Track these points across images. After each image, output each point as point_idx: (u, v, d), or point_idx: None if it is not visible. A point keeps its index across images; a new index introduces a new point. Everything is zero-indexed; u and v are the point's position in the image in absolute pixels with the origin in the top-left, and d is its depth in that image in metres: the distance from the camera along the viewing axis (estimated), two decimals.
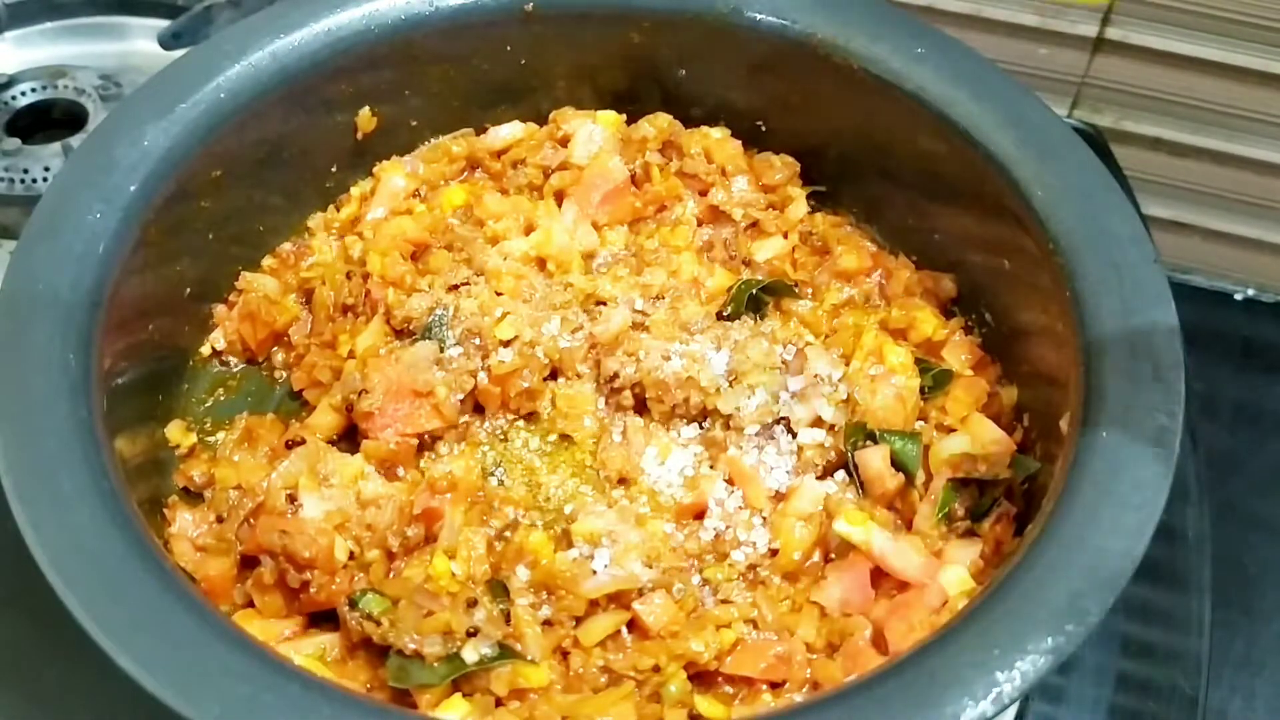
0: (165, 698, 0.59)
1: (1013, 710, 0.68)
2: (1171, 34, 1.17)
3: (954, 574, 0.75)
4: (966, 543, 0.78)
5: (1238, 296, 1.36)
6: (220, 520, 0.80)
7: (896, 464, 0.81)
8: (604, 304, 0.89)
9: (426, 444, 0.85)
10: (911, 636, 0.71)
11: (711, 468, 0.82)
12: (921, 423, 0.84)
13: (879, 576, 0.77)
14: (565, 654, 0.73)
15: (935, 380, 0.86)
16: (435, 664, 0.70)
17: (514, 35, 0.97)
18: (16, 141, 1.10)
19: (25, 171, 1.08)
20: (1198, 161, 1.27)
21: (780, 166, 0.98)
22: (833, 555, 0.79)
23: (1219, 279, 1.36)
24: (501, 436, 0.86)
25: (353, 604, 0.73)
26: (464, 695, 0.71)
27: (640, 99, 1.01)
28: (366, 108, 0.96)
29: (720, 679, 0.73)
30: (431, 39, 0.95)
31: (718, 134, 0.99)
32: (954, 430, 0.84)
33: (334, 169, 0.99)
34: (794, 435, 0.83)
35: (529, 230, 0.94)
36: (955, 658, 0.61)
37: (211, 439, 0.87)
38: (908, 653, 0.64)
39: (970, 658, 0.61)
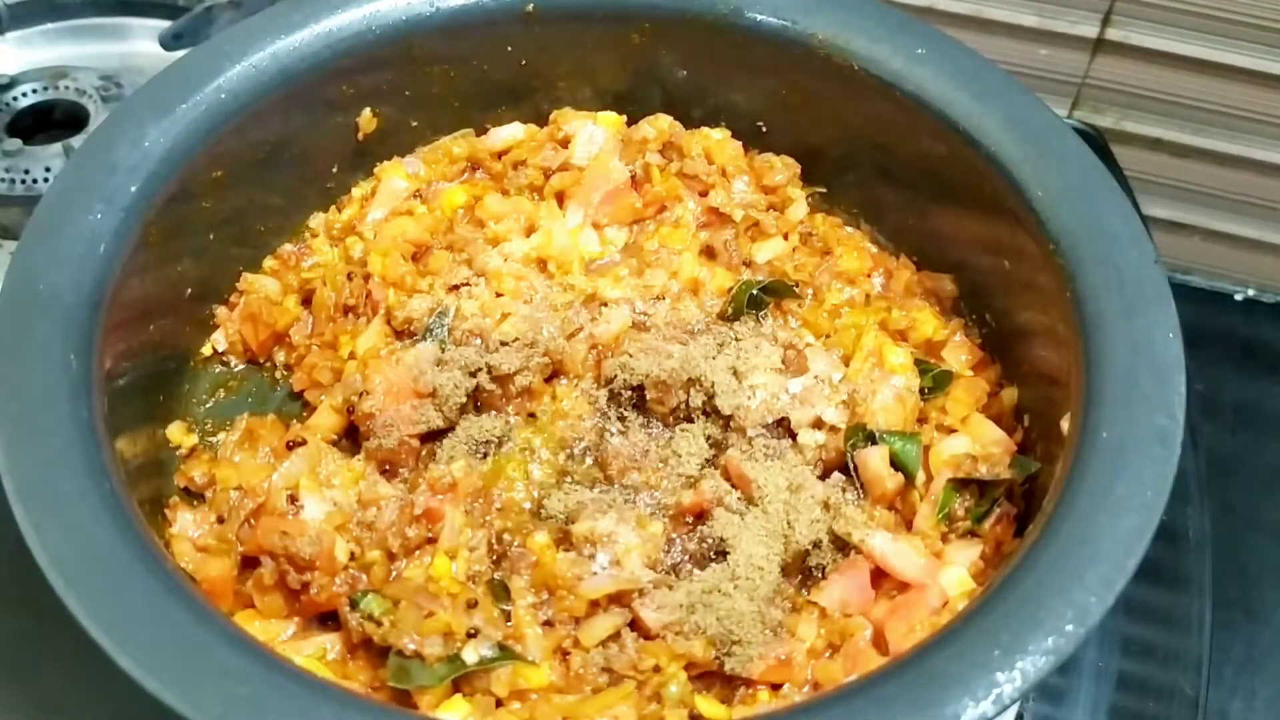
0: (166, 698, 0.59)
1: (1013, 710, 0.68)
2: (1172, 35, 1.18)
3: (954, 574, 0.75)
4: (967, 543, 0.78)
5: (1238, 297, 1.36)
6: (221, 521, 0.80)
7: (896, 464, 0.81)
8: (604, 305, 0.89)
9: (427, 444, 0.85)
10: (912, 637, 0.71)
11: (712, 468, 0.82)
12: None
13: (879, 577, 0.77)
14: (566, 654, 0.73)
15: (935, 381, 0.86)
16: (435, 665, 0.70)
17: (515, 36, 0.97)
18: (18, 142, 1.10)
19: (26, 172, 1.08)
20: (1198, 162, 1.27)
21: (781, 167, 0.98)
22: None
23: (1219, 279, 1.37)
24: (502, 437, 0.86)
25: (353, 605, 0.74)
26: (464, 696, 0.71)
27: (641, 100, 1.01)
28: (367, 108, 0.97)
29: (721, 679, 0.74)
30: (432, 40, 0.95)
31: (718, 135, 0.99)
32: (954, 431, 0.84)
33: (335, 170, 0.99)
34: (794, 436, 0.83)
35: (530, 231, 0.94)
36: (956, 658, 0.61)
37: (212, 439, 0.87)
38: (908, 653, 0.64)
39: (971, 658, 0.61)
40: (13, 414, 0.69)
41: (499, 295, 0.89)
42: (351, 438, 0.86)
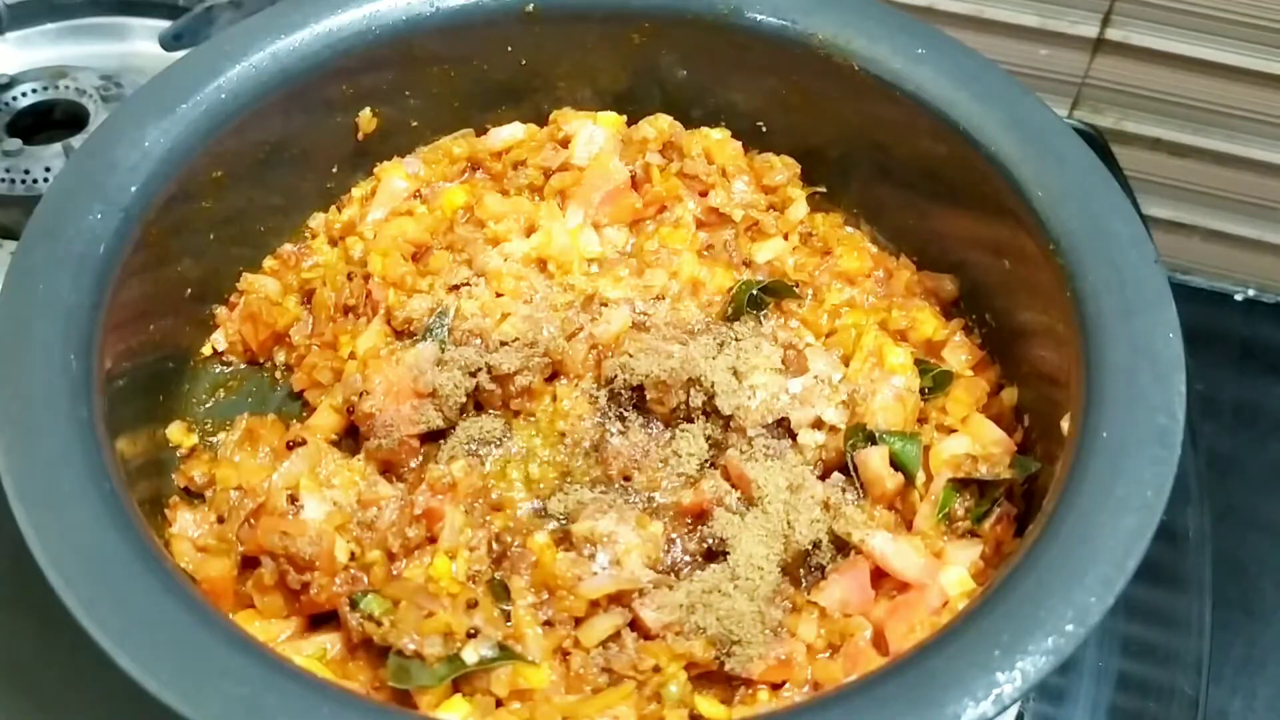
0: (165, 698, 0.59)
1: (1013, 710, 0.68)
2: (1172, 35, 1.18)
3: (954, 574, 0.75)
4: (967, 543, 0.78)
5: (1238, 297, 1.36)
6: (221, 521, 0.80)
7: (896, 464, 0.81)
8: (605, 305, 0.89)
9: (427, 444, 0.85)
10: (912, 637, 0.71)
11: (712, 468, 0.83)
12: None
13: (879, 577, 0.77)
14: (566, 654, 0.73)
15: (935, 381, 0.86)
16: (435, 665, 0.70)
17: (515, 36, 0.97)
18: (18, 142, 1.10)
19: (26, 172, 1.08)
20: (1198, 162, 1.27)
21: (781, 167, 0.98)
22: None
23: (1219, 279, 1.37)
24: (502, 437, 0.86)
25: (354, 605, 0.74)
26: (464, 696, 0.71)
27: (641, 100, 1.01)
28: (367, 108, 0.97)
29: (721, 679, 0.74)
30: (432, 39, 0.95)
31: (718, 135, 0.99)
32: (954, 431, 0.84)
33: (335, 170, 0.99)
34: (794, 436, 0.83)
35: (530, 231, 0.94)
36: (956, 658, 0.61)
37: (212, 439, 0.87)
38: (908, 653, 0.64)
39: (971, 658, 0.61)
40: (13, 414, 0.69)
41: (499, 295, 0.89)
42: (351, 438, 0.86)
